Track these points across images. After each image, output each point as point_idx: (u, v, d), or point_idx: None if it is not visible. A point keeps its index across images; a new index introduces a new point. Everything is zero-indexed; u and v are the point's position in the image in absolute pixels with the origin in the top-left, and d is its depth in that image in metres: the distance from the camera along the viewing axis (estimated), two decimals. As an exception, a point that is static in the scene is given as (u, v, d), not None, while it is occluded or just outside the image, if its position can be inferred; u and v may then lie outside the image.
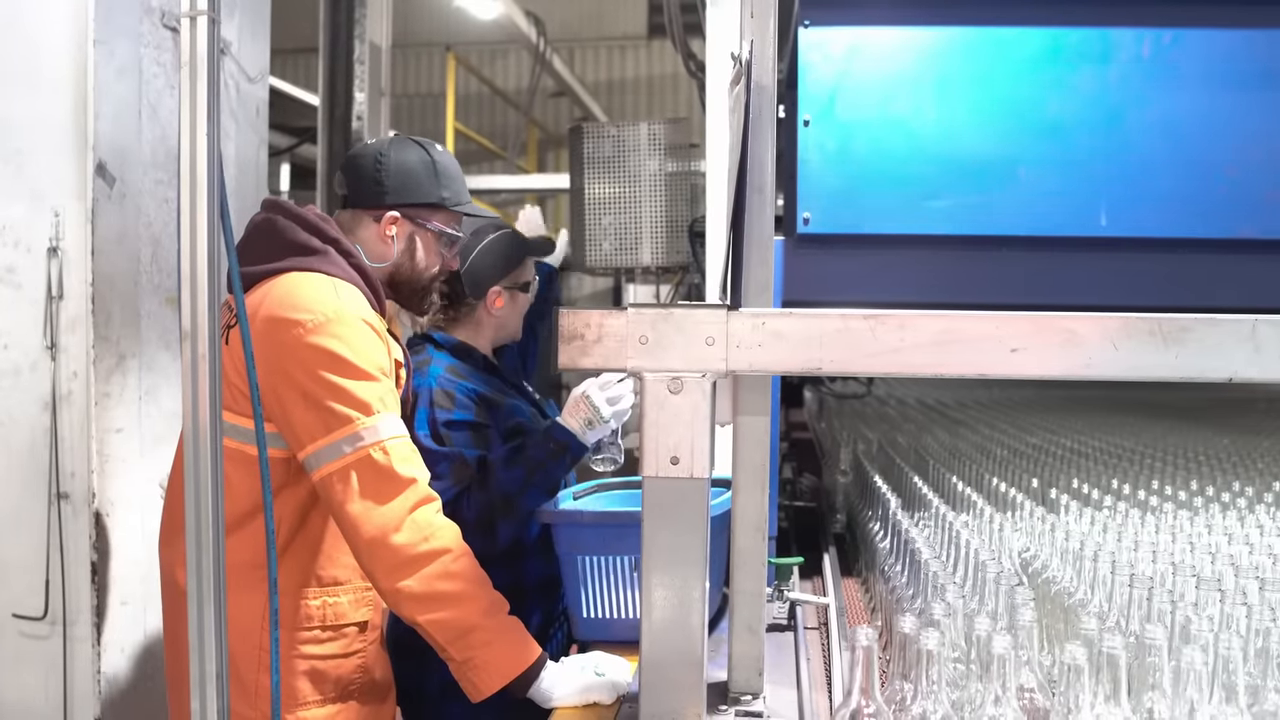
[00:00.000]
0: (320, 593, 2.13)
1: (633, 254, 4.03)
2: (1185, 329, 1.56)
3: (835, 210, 2.47)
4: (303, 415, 1.99)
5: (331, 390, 1.99)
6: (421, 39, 12.31)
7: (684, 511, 1.63)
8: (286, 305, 2.04)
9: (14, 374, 2.93)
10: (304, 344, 2.00)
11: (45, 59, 2.91)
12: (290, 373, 2.00)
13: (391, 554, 1.95)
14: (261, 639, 2.04)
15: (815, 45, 2.47)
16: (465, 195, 2.38)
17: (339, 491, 1.96)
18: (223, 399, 1.92)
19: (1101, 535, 1.95)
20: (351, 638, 2.17)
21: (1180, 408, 4.43)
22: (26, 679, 2.94)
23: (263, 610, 2.03)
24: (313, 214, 2.20)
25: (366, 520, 1.95)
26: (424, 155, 2.31)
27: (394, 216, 2.27)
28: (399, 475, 1.98)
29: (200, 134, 1.33)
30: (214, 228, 1.35)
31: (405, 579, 1.94)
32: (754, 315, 1.60)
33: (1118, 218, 2.45)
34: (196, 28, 1.36)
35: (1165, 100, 2.43)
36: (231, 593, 1.82)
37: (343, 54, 5.63)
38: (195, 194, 1.33)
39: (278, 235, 2.15)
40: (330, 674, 2.13)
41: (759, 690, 1.88)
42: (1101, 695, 1.26)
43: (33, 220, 2.92)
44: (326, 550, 2.14)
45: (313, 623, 2.12)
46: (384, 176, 2.27)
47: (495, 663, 1.93)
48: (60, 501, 2.91)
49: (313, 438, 1.98)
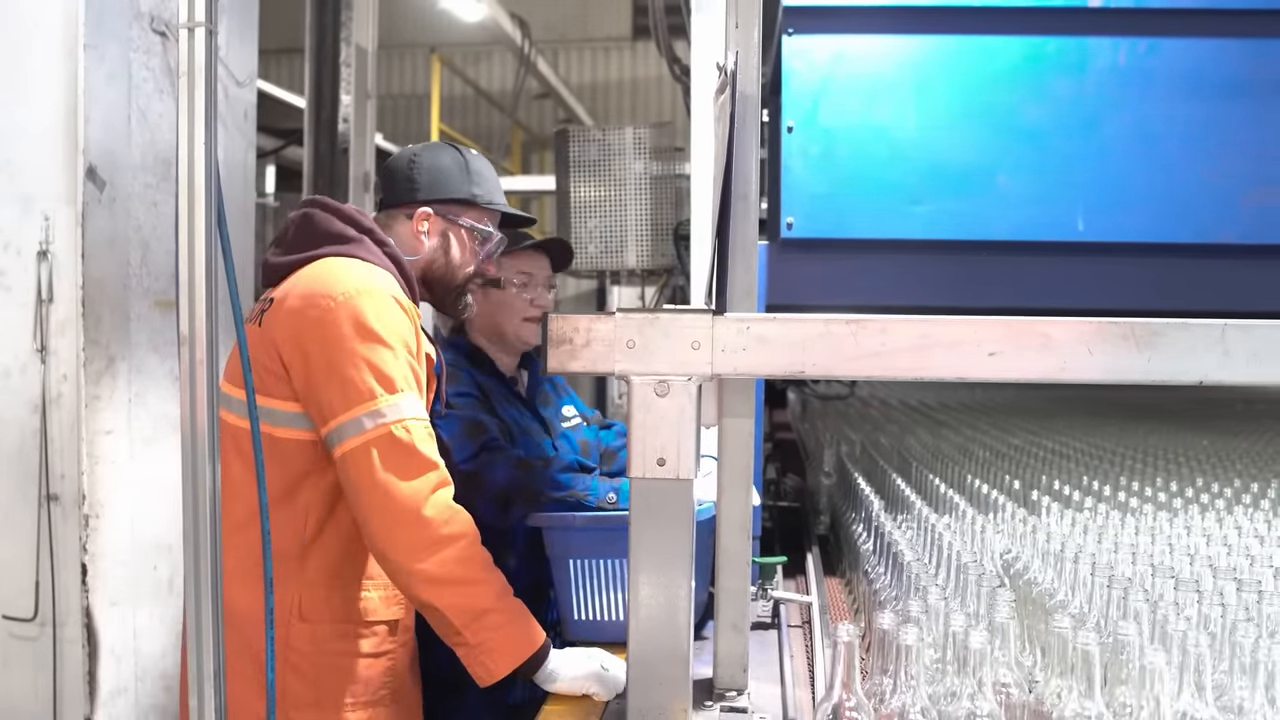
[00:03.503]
0: (351, 584, 2.10)
1: (618, 257, 4.07)
2: (1157, 333, 1.61)
3: (818, 215, 2.51)
4: (326, 387, 1.98)
5: (355, 361, 1.98)
6: (406, 40, 12.33)
7: (670, 511, 1.66)
8: (317, 283, 2.05)
9: (4, 376, 2.95)
10: (331, 316, 2.00)
11: (35, 64, 2.93)
12: (316, 345, 2.00)
13: (416, 532, 1.93)
14: (287, 634, 2.02)
15: (799, 53, 2.51)
16: (499, 196, 2.39)
17: (361, 466, 1.95)
18: (252, 383, 1.89)
19: (1082, 537, 1.97)
20: (382, 637, 2.13)
21: (1160, 409, 4.48)
22: (16, 680, 2.95)
23: (287, 604, 2.02)
24: (349, 208, 2.24)
25: (391, 496, 1.94)
26: (456, 155, 2.36)
27: (426, 212, 2.30)
28: (420, 453, 1.97)
29: (198, 142, 1.36)
30: (211, 236, 1.38)
31: (425, 561, 1.93)
32: (739, 320, 1.63)
33: (1095, 223, 2.50)
34: (194, 38, 1.38)
35: (1141, 108, 2.48)
36: (258, 585, 1.86)
37: (329, 56, 5.65)
38: (193, 201, 1.36)
39: (314, 226, 2.18)
40: (360, 675, 2.09)
41: (744, 686, 1.92)
42: (1077, 692, 1.30)
43: (23, 224, 2.93)
44: (355, 541, 2.08)
45: (343, 618, 2.08)
46: (416, 174, 2.31)
47: (507, 645, 1.94)
48: (50, 503, 2.93)
49: (334, 412, 1.97)
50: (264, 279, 2.21)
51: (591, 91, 14.04)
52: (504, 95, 12.02)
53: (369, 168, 5.77)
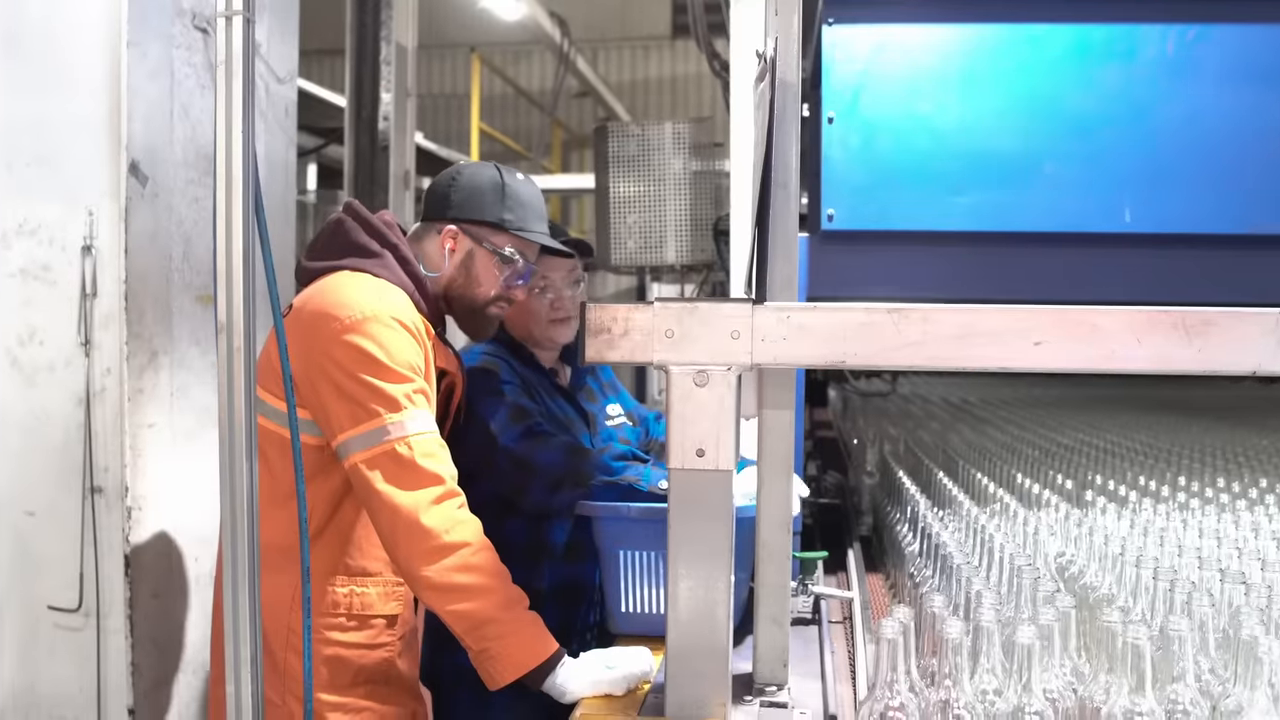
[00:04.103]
0: (349, 581, 2.18)
1: (658, 252, 4.06)
2: (1208, 322, 1.57)
3: (859, 207, 2.48)
4: (335, 405, 2.06)
5: (360, 385, 2.05)
6: (446, 40, 12.37)
7: (709, 503, 1.65)
8: (329, 301, 2.12)
9: (49, 370, 2.98)
10: (339, 339, 2.06)
11: (79, 61, 2.95)
12: (324, 365, 2.07)
13: (415, 541, 1.99)
14: (291, 619, 2.10)
15: (839, 43, 2.48)
16: (534, 224, 2.38)
17: (366, 479, 2.02)
18: (270, 383, 2.05)
19: (1142, 539, 1.90)
20: (379, 629, 2.21)
21: (1214, 408, 4.39)
22: (61, 670, 2.98)
23: (292, 592, 2.10)
24: (379, 219, 2.27)
25: (391, 507, 2.00)
26: (496, 177, 2.36)
27: (453, 230, 2.32)
28: (421, 468, 2.02)
29: (235, 130, 1.36)
30: (248, 222, 1.37)
31: (426, 568, 1.98)
32: (779, 309, 1.62)
33: (1142, 214, 2.45)
34: (232, 27, 1.38)
35: (1190, 97, 2.43)
36: (265, 573, 1.87)
37: (369, 55, 5.67)
38: (230, 189, 1.36)
39: (342, 235, 2.24)
40: (354, 663, 2.17)
41: (784, 681, 1.90)
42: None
43: (67, 219, 2.96)
44: (357, 540, 2.18)
45: (339, 610, 2.16)
46: (453, 192, 2.34)
47: (510, 655, 1.96)
48: (94, 496, 2.95)
49: (343, 428, 2.05)
50: (297, 281, 2.28)
51: (631, 90, 14.04)
52: (543, 94, 12.04)
53: (409, 165, 5.79)
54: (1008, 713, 1.27)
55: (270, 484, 2.02)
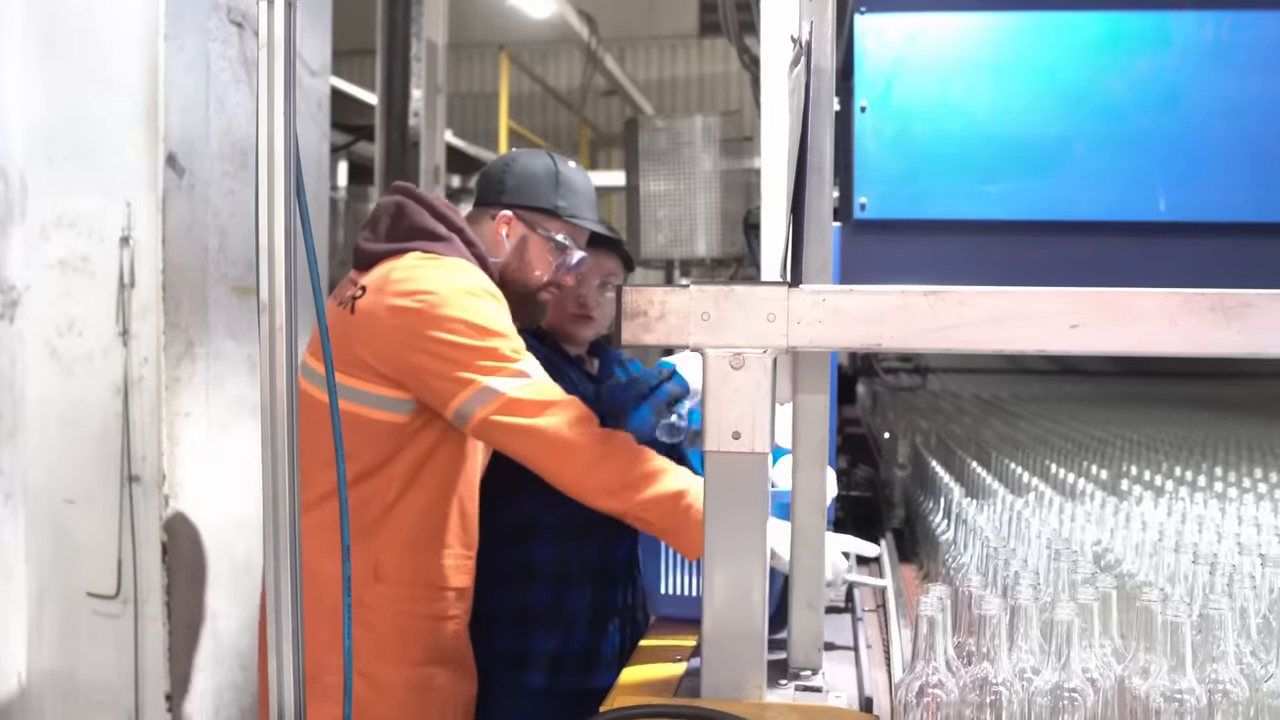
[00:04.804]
0: (426, 553, 2.20)
1: (688, 245, 4.07)
2: (1247, 304, 1.57)
3: (892, 195, 2.48)
4: (441, 378, 2.07)
5: (467, 351, 2.05)
6: (475, 39, 12.42)
7: (745, 485, 1.65)
8: (415, 283, 2.12)
9: (88, 360, 3.02)
10: (434, 316, 2.07)
11: (117, 55, 2.99)
12: (425, 344, 2.07)
13: (577, 455, 2.01)
14: (361, 593, 2.13)
15: (871, 31, 2.48)
16: (585, 211, 2.43)
17: (501, 425, 2.04)
18: (345, 364, 2.09)
19: (1180, 525, 1.88)
20: (450, 601, 2.25)
21: (1247, 404, 4.35)
22: (100, 656, 3.02)
23: (363, 566, 2.13)
24: (440, 202, 2.30)
25: (538, 437, 2.02)
26: (550, 165, 2.40)
27: (507, 216, 2.36)
28: (551, 401, 2.05)
29: (278, 110, 1.37)
30: (290, 202, 1.39)
31: (596, 475, 2.01)
32: (815, 292, 1.62)
33: (1177, 202, 2.43)
34: (274, 10, 1.40)
35: (1225, 84, 2.41)
36: (338, 548, 1.96)
37: (400, 52, 5.71)
38: (272, 169, 1.38)
39: (405, 218, 2.25)
40: (425, 635, 2.21)
41: (818, 665, 1.90)
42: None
43: (105, 211, 3.00)
44: (431, 512, 2.21)
45: (418, 580, 2.20)
46: (507, 177, 2.38)
47: None
48: (132, 483, 2.99)
49: (454, 394, 2.06)
50: (355, 262, 2.29)
51: (658, 88, 14.05)
52: (571, 93, 12.07)
53: (439, 161, 5.83)
54: (1046, 690, 1.27)
55: (346, 464, 2.04)
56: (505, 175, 2.38)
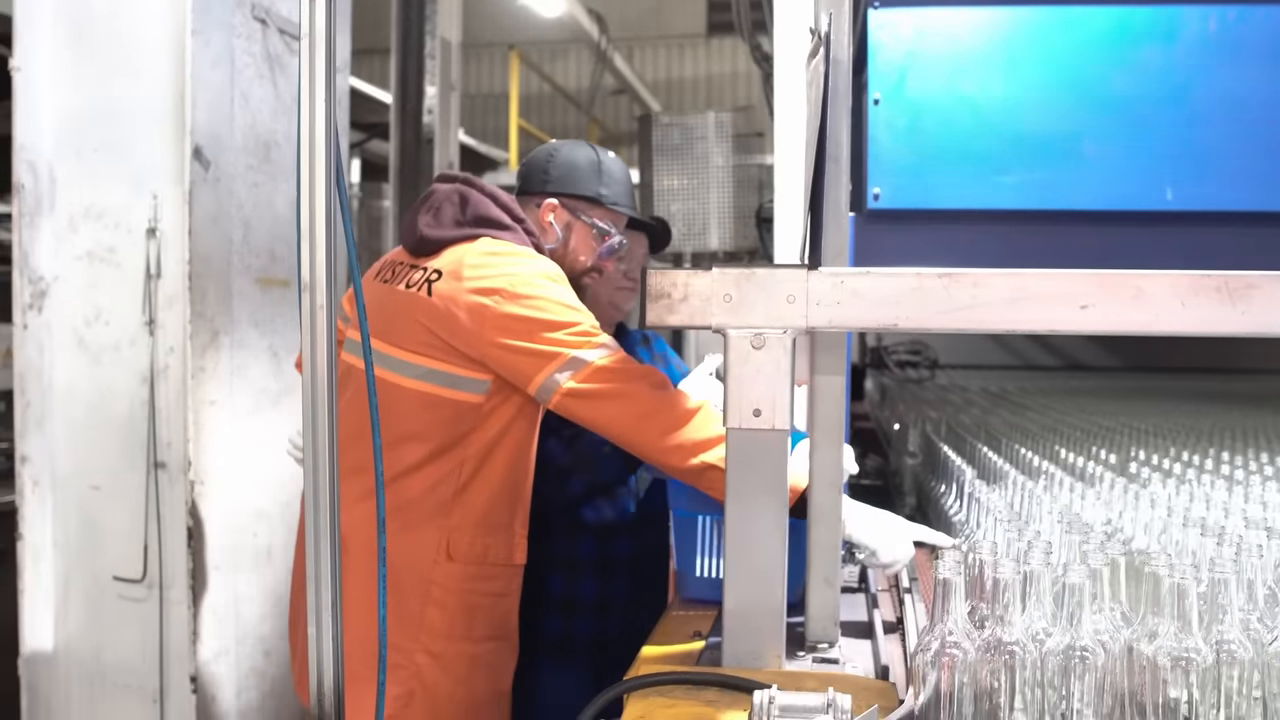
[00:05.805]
0: (492, 531, 2.27)
1: (700, 239, 4.12)
2: (1252, 285, 1.62)
3: (905, 186, 2.53)
4: (524, 357, 2.12)
5: (549, 326, 2.12)
6: (485, 39, 12.48)
7: (765, 460, 1.71)
8: (491, 270, 2.19)
9: (115, 349, 3.08)
10: (515, 299, 2.14)
11: (145, 50, 3.06)
12: (506, 326, 2.13)
13: (659, 418, 2.06)
14: (433, 572, 2.20)
15: (885, 25, 2.53)
16: (625, 200, 2.52)
17: (585, 393, 2.09)
18: (420, 345, 2.17)
19: (1189, 503, 1.92)
20: (509, 579, 2.31)
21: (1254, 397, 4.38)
22: (126, 639, 3.08)
23: (435, 545, 2.20)
24: (502, 193, 2.38)
25: (622, 399, 2.08)
26: (591, 155, 2.49)
27: (553, 204, 2.43)
28: (631, 369, 2.11)
29: (319, 96, 1.43)
30: (331, 186, 1.45)
31: (677, 435, 2.04)
32: (833, 274, 1.68)
33: (1184, 192, 2.48)
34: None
35: (1232, 76, 2.46)
36: (410, 528, 2.14)
37: (414, 50, 5.77)
38: (314, 153, 1.43)
39: (471, 206, 2.32)
40: (486, 611, 2.27)
41: (835, 639, 1.95)
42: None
43: (132, 203, 3.06)
44: (501, 491, 2.27)
45: (482, 560, 2.26)
46: (551, 167, 2.45)
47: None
48: (158, 470, 3.05)
49: (539, 369, 2.11)
50: (416, 248, 2.33)
51: (666, 88, 14.10)
52: (580, 92, 12.12)
53: (453, 158, 5.88)
54: (1059, 650, 1.33)
55: (417, 444, 2.17)
56: (550, 165, 2.45)
